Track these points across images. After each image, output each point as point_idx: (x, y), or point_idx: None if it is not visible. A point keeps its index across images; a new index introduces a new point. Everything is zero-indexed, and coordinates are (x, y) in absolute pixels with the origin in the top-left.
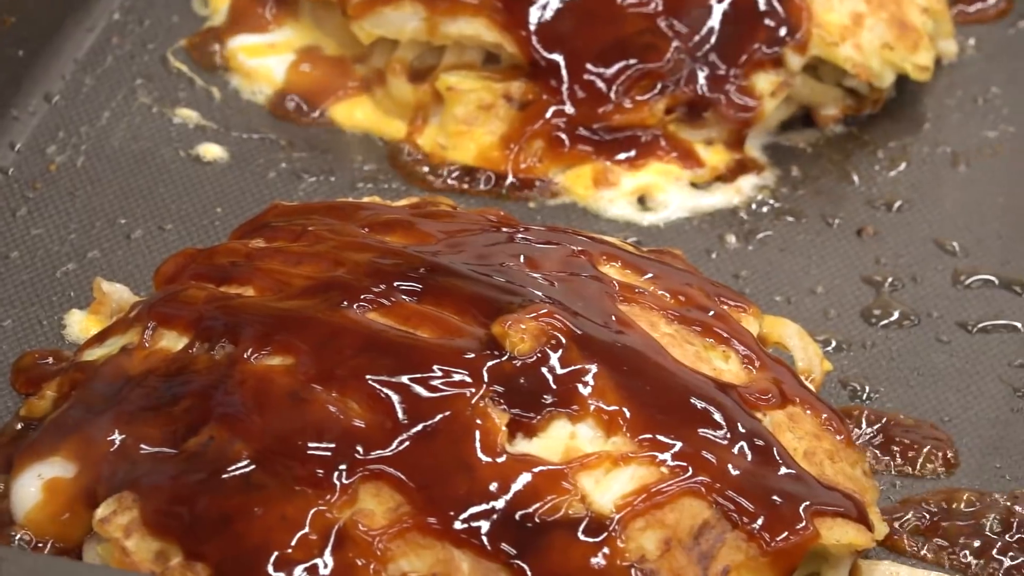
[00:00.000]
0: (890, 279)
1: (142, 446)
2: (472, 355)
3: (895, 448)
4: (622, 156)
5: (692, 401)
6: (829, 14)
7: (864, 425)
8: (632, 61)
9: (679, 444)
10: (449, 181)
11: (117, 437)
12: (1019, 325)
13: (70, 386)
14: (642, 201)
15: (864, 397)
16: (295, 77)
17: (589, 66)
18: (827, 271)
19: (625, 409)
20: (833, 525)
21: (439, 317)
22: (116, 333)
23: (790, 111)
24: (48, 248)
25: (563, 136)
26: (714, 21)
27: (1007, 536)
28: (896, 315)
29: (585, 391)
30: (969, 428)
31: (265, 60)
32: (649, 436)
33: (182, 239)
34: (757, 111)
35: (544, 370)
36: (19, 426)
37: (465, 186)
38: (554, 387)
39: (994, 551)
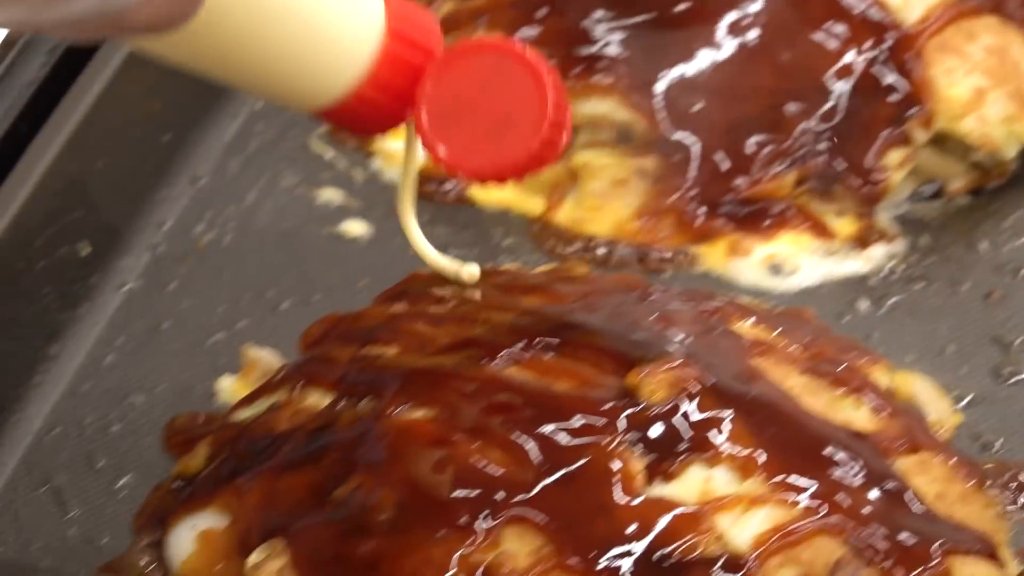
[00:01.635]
0: (1020, 339)
1: (291, 497)
2: (609, 405)
3: None
4: (754, 228)
5: (824, 445)
6: (952, 89)
7: (997, 475)
8: (761, 137)
9: (813, 485)
10: (586, 253)
11: (267, 489)
12: None
13: (222, 444)
14: (774, 269)
15: (995, 450)
16: None
17: (719, 142)
18: (956, 333)
19: (759, 453)
20: (965, 562)
21: (576, 370)
22: (265, 394)
23: (917, 183)
24: (198, 319)
25: (695, 211)
26: (842, 96)
27: None
28: None
29: (719, 437)
30: None
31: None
32: (783, 478)
33: (328, 309)
34: (885, 183)
35: (679, 418)
36: (174, 484)
37: (602, 257)
38: (689, 434)
39: None
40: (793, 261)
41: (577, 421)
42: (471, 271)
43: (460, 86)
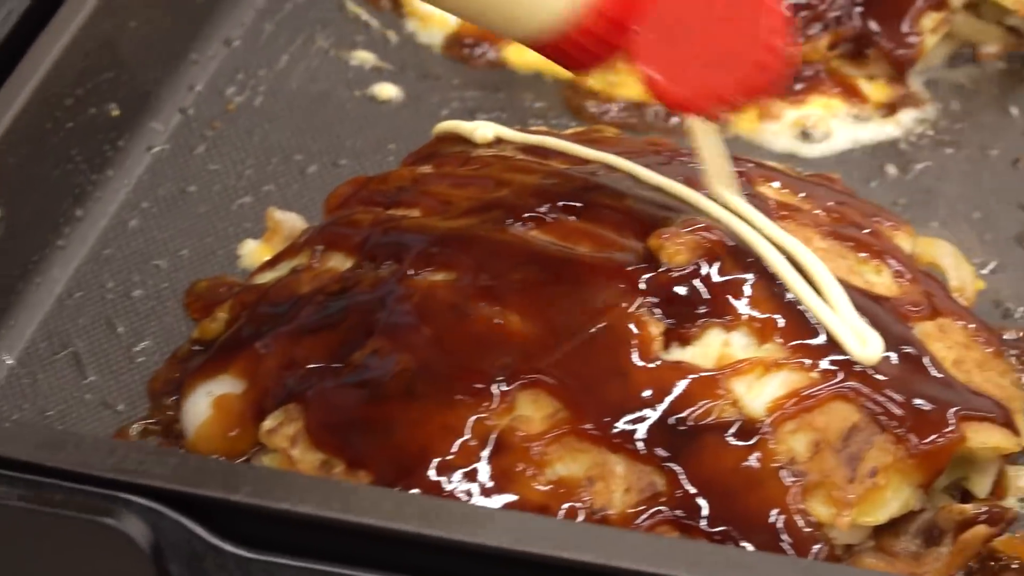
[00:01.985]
0: None
1: (309, 361)
2: (629, 268)
3: None
4: (785, 91)
5: None
6: None
7: (1017, 343)
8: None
9: (831, 350)
10: (617, 116)
11: (284, 353)
12: None
13: (241, 308)
14: (805, 134)
15: (1018, 316)
16: None
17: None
18: (983, 198)
19: (777, 317)
20: (980, 429)
21: (598, 233)
22: (287, 257)
23: (952, 48)
24: (225, 182)
25: None
26: None
27: None
28: None
29: (739, 301)
30: None
31: None
32: (801, 342)
33: (355, 174)
34: (918, 48)
35: (698, 281)
36: (192, 348)
37: (633, 120)
38: (708, 297)
39: None
40: (824, 125)
41: (597, 284)
42: (484, 133)
43: (680, 13)
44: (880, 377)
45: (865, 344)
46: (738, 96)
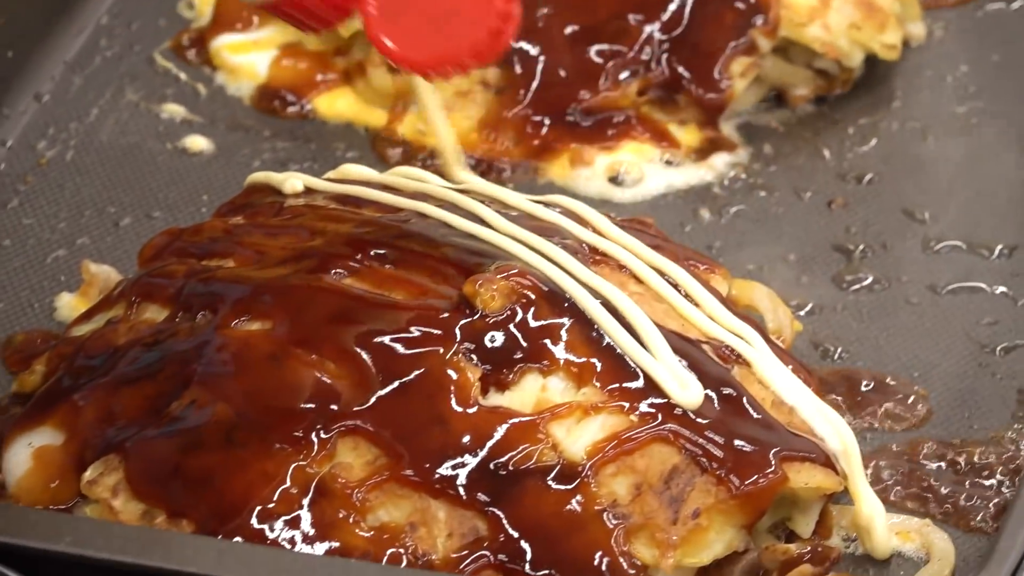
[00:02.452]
0: (861, 246)
1: (127, 412)
2: (445, 314)
3: (867, 403)
4: (596, 138)
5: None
6: None
7: (835, 383)
8: (604, 46)
9: (649, 394)
10: (428, 166)
11: (103, 405)
12: (985, 286)
13: (59, 360)
14: (617, 180)
15: (835, 357)
16: (278, 72)
17: (561, 52)
18: (798, 241)
19: (595, 361)
20: (801, 469)
21: (412, 280)
22: (102, 310)
23: (762, 92)
24: (39, 236)
25: (538, 122)
26: (685, 4)
27: (976, 477)
28: (868, 280)
29: (555, 346)
30: (938, 383)
31: (248, 56)
32: (619, 386)
33: (168, 225)
34: (728, 93)
35: (514, 326)
36: (10, 402)
37: (444, 170)
38: (524, 343)
39: (963, 495)
40: (636, 171)
41: (413, 331)
42: (293, 184)
43: None
44: (700, 420)
45: (685, 387)
46: (470, 59)
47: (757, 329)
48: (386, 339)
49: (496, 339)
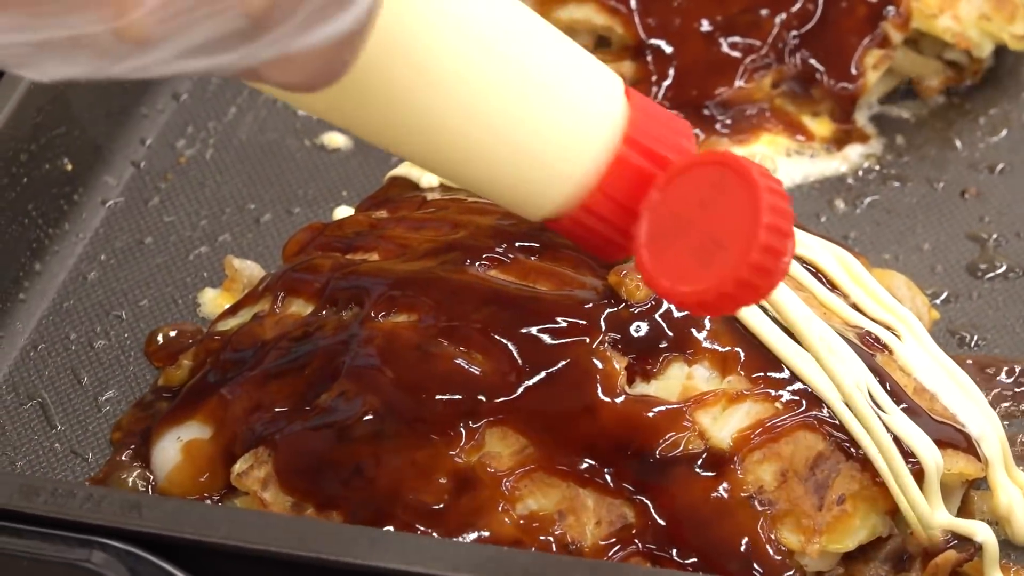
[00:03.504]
0: (995, 235)
1: (275, 405)
2: (590, 304)
3: (1006, 391)
4: (732, 130)
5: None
6: None
7: (974, 371)
8: (737, 39)
9: (794, 381)
10: None
11: (251, 398)
12: None
13: (205, 354)
14: None
15: (972, 344)
16: None
17: (695, 46)
18: (933, 230)
19: (739, 350)
20: (944, 455)
21: (557, 271)
22: (248, 304)
23: (894, 83)
24: (181, 233)
25: None
26: None
27: None
28: (1002, 268)
29: (700, 334)
30: None
31: None
32: (763, 374)
33: (309, 221)
34: (861, 84)
35: (659, 316)
36: (157, 396)
37: None
38: (670, 332)
39: None
40: (770, 162)
41: (559, 321)
42: (430, 179)
43: (683, 202)
44: None
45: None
46: (731, 296)
47: (904, 317)
48: (532, 330)
49: (641, 328)
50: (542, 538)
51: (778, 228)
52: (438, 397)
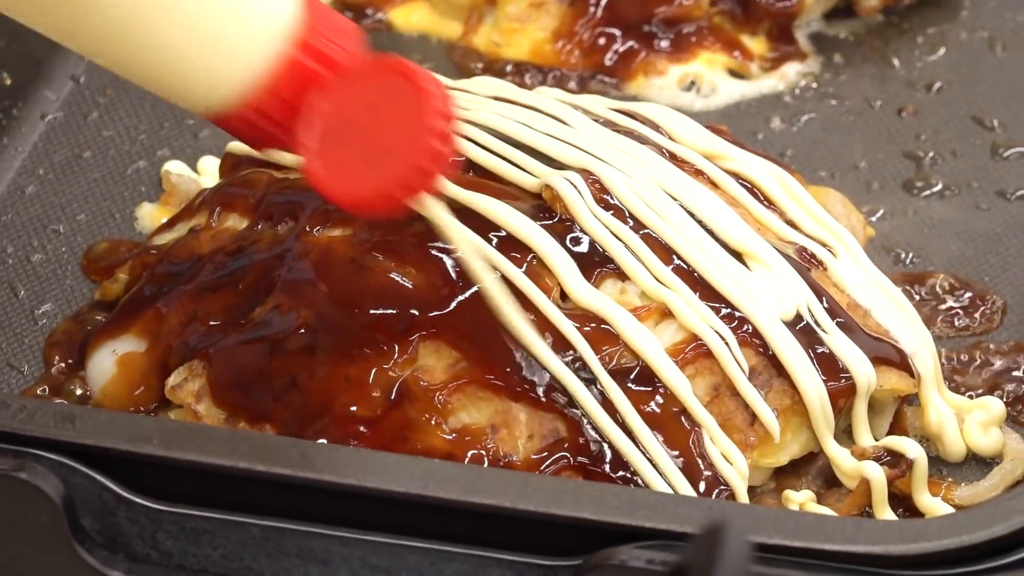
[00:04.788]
0: (931, 153)
1: (210, 318)
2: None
3: (939, 307)
4: (670, 48)
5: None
6: None
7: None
8: None
9: (728, 295)
10: (504, 77)
11: (186, 311)
12: None
13: (141, 268)
14: (690, 89)
15: (907, 261)
16: None
17: None
18: (869, 148)
19: (675, 261)
20: (877, 371)
21: (491, 184)
22: (184, 218)
23: (832, 2)
24: (119, 148)
25: (611, 34)
26: None
27: None
28: (938, 186)
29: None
30: (1009, 287)
31: None
32: (698, 288)
33: None
34: (798, 3)
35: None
36: (92, 310)
37: (518, 81)
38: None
39: None
40: (709, 81)
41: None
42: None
43: (352, 106)
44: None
45: (781, 299)
46: (394, 197)
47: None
48: None
49: (576, 242)
50: (474, 451)
51: (441, 132)
52: (372, 311)
